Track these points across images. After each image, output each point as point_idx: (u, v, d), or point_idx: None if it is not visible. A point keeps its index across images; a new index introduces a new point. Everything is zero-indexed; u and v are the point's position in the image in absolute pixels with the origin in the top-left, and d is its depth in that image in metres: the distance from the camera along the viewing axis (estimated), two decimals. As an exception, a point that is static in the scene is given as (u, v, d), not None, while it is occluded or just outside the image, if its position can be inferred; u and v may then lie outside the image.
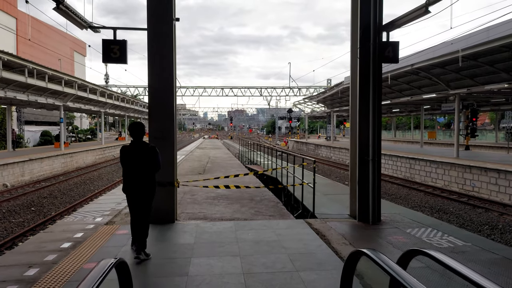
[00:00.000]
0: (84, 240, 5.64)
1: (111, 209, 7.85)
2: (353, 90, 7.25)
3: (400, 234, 6.11)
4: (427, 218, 7.66)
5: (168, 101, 6.61)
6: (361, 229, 6.48)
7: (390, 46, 7.05)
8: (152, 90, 6.59)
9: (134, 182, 4.90)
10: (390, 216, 7.33)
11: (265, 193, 10.31)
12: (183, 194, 9.90)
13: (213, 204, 8.68)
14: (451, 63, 18.81)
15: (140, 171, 4.90)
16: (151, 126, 6.59)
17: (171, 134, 6.63)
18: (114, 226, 6.46)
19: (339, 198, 9.52)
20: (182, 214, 7.55)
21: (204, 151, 29.96)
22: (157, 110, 6.60)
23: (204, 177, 13.25)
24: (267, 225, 6.50)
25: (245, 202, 8.90)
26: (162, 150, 6.40)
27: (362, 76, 6.91)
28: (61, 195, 16.14)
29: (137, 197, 4.94)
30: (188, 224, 6.60)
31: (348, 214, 7.43)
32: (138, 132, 5.01)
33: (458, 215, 12.34)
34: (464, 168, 17.27)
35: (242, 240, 5.60)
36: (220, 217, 7.39)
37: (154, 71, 6.59)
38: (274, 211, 7.97)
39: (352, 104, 7.31)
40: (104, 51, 6.56)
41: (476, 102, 27.12)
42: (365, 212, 6.88)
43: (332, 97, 35.88)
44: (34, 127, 48.14)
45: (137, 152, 4.93)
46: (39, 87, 23.52)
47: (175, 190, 6.68)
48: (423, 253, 1.99)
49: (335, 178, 20.54)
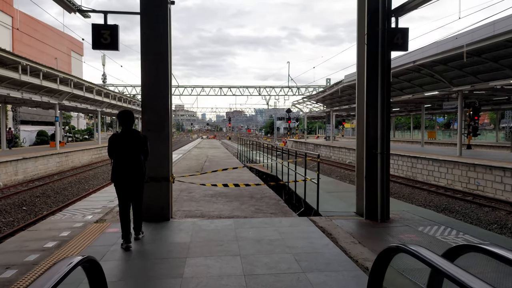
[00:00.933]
0: (70, 239, 5.19)
1: (103, 207, 7.40)
2: (360, 79, 6.83)
3: (412, 233, 5.68)
4: (439, 216, 7.23)
5: (163, 90, 6.17)
6: (369, 227, 6.05)
7: (399, 33, 6.62)
8: (145, 78, 6.15)
9: (127, 170, 4.86)
10: (399, 214, 6.91)
11: (266, 190, 9.88)
12: (179, 192, 9.45)
13: (211, 202, 8.24)
14: (454, 59, 18.41)
15: (133, 159, 4.90)
16: (144, 118, 6.15)
17: (166, 127, 6.18)
18: (104, 224, 6.01)
19: (343, 196, 9.09)
20: (178, 212, 7.11)
21: (202, 151, 29.51)
22: (151, 100, 6.16)
23: (202, 176, 12.81)
24: (268, 223, 6.06)
25: (245, 199, 8.47)
26: (156, 143, 5.98)
27: (369, 64, 6.49)
28: (54, 194, 15.66)
29: (130, 186, 4.92)
30: (184, 222, 6.15)
31: (355, 212, 7.00)
32: (129, 120, 5.01)
33: (465, 214, 11.93)
34: (468, 167, 16.87)
35: (242, 239, 5.16)
36: (218, 214, 6.95)
37: (147, 58, 6.16)
38: (276, 209, 7.54)
39: (358, 94, 6.89)
40: (94, 37, 6.11)
41: (478, 100, 26.78)
42: (373, 209, 6.45)
43: (331, 96, 35.47)
44: (30, 127, 47.59)
45: (129, 139, 4.91)
46: (34, 84, 23.03)
47: (170, 186, 6.24)
48: (477, 249, 1.55)
49: (335, 177, 20.12)
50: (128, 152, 4.89)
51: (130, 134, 4.97)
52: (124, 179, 4.90)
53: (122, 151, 4.88)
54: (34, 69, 21.92)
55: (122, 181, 4.90)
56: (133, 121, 5.14)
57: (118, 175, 4.89)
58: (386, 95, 6.36)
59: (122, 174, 4.88)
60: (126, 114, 5.06)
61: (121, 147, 4.88)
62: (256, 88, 50.68)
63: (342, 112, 45.74)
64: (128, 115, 5.07)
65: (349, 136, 67.33)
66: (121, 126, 5.03)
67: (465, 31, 16.05)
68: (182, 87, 48.98)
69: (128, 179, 4.91)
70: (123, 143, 4.90)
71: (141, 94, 6.21)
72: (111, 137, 5.04)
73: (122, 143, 4.90)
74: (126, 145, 4.89)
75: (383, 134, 6.38)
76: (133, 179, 4.94)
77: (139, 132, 5.16)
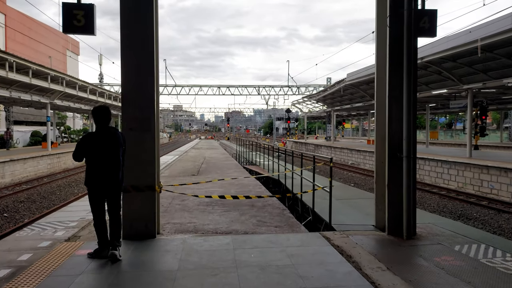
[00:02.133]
0: (29, 264, 4.17)
1: (80, 219, 6.37)
2: (380, 70, 5.82)
3: (448, 254, 4.67)
4: (472, 230, 6.24)
5: (148, 79, 5.15)
6: (395, 246, 5.04)
7: (426, 16, 5.65)
8: (126, 63, 5.13)
9: (108, 174, 4.39)
10: (425, 228, 5.90)
11: (268, 197, 8.87)
12: (171, 199, 8.44)
13: (206, 211, 7.22)
14: (464, 55, 17.44)
15: (115, 161, 4.44)
16: (125, 114, 5.13)
17: (151, 125, 5.16)
18: (77, 243, 4.98)
19: (355, 204, 8.09)
20: (168, 225, 6.09)
21: (199, 151, 28.48)
22: (133, 92, 5.14)
23: (198, 179, 11.78)
24: (274, 241, 5.04)
25: (244, 209, 7.46)
26: (140, 145, 4.98)
27: (392, 51, 5.49)
28: (40, 199, 14.62)
29: (109, 191, 4.47)
30: (173, 240, 5.13)
31: (373, 225, 6.00)
32: (106, 116, 4.53)
33: (484, 221, 10.94)
34: (481, 169, 15.91)
35: (242, 265, 4.15)
36: (214, 229, 5.94)
37: (128, 37, 5.13)
38: (281, 221, 6.53)
39: (378, 87, 5.88)
40: (65, 19, 5.11)
41: (486, 99, 25.86)
42: (397, 223, 5.44)
43: (333, 95, 34.48)
44: (24, 127, 46.53)
45: (109, 138, 4.43)
46: (23, 83, 21.97)
47: (156, 197, 5.21)
48: None
49: (339, 180, 19.12)
50: (109, 152, 4.41)
51: (109, 132, 4.50)
52: (104, 186, 4.41)
53: (101, 151, 4.38)
54: (23, 66, 20.87)
55: (101, 188, 4.41)
56: (110, 119, 4.57)
57: (98, 180, 4.37)
58: (413, 87, 5.36)
59: (102, 181, 4.38)
60: (103, 110, 4.55)
61: (101, 147, 4.38)
62: (255, 87, 49.65)
63: (343, 112, 44.76)
64: (105, 111, 4.58)
65: (349, 137, 66.35)
66: (97, 123, 4.52)
67: (479, 24, 15.03)
68: (180, 86, 47.92)
69: (109, 184, 4.43)
70: (102, 143, 4.40)
71: (121, 84, 5.18)
72: (86, 137, 4.48)
73: (101, 142, 4.40)
74: (106, 145, 4.40)
75: (409, 133, 5.37)
76: (114, 184, 4.48)
77: (117, 130, 4.67)
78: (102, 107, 4.60)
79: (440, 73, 20.64)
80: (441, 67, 19.52)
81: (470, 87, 18.42)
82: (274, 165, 14.00)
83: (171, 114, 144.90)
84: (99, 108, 4.57)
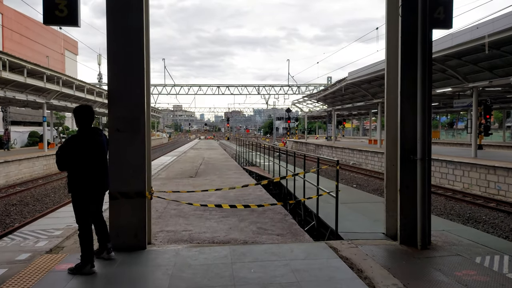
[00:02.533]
0: (1, 283, 3.71)
1: (66, 227, 5.90)
2: (391, 64, 5.35)
3: (470, 267, 4.21)
4: (491, 238, 5.79)
5: (137, 76, 4.68)
6: (409, 257, 4.57)
7: (441, 6, 5.19)
8: (113, 58, 4.66)
9: (99, 179, 4.16)
10: (440, 236, 5.44)
11: (269, 201, 8.42)
12: (166, 203, 7.97)
13: (203, 217, 6.76)
14: (470, 53, 17.02)
15: (104, 164, 4.28)
16: (112, 114, 4.66)
17: (141, 126, 4.69)
18: (59, 255, 4.52)
19: (362, 208, 7.63)
20: (161, 234, 5.63)
21: (198, 152, 28.01)
22: (120, 90, 4.67)
23: (195, 182, 11.32)
24: (276, 253, 4.57)
25: (244, 214, 6.99)
26: (129, 148, 4.53)
27: (405, 44, 5.03)
28: (33, 201, 14.17)
29: (99, 198, 4.29)
30: (165, 252, 4.66)
31: (383, 233, 5.53)
32: (91, 117, 4.21)
33: (494, 224, 10.48)
34: (488, 169, 15.44)
35: (241, 282, 3.68)
36: (211, 237, 5.47)
37: (115, 29, 4.67)
38: (283, 228, 6.07)
39: (388, 84, 5.41)
40: (46, 9, 4.64)
41: (490, 98, 25.40)
42: (411, 232, 4.98)
43: (333, 94, 34.05)
44: (22, 128, 46.08)
45: (96, 141, 4.17)
46: (19, 82, 21.50)
47: (147, 204, 4.75)
48: None
49: (341, 181, 18.63)
50: (99, 156, 4.17)
51: (96, 134, 4.23)
52: (97, 190, 4.19)
53: (92, 156, 4.08)
54: (17, 65, 20.41)
55: (93, 193, 4.14)
56: (94, 119, 4.25)
57: (89, 186, 4.05)
58: (428, 83, 4.90)
59: (94, 185, 4.11)
60: (88, 110, 4.23)
61: (90, 151, 4.08)
62: (255, 87, 49.16)
63: (343, 111, 44.28)
64: (90, 110, 4.25)
65: (349, 136, 65.85)
66: (81, 124, 4.16)
67: (486, 20, 14.56)
68: (179, 86, 47.41)
69: (101, 190, 4.26)
70: (91, 146, 4.11)
71: (107, 81, 4.71)
72: (72, 142, 4.08)
73: (91, 146, 4.10)
74: (96, 148, 4.14)
75: (424, 133, 4.91)
76: (105, 190, 4.34)
77: (102, 130, 4.39)
78: (87, 106, 4.28)
79: (444, 71, 20.19)
80: (445, 65, 19.08)
81: (475, 85, 17.95)
82: (275, 166, 13.54)
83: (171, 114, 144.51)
84: (84, 108, 4.22)
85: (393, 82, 5.25)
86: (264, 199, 8.62)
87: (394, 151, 5.25)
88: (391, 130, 5.34)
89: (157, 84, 46.86)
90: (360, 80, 26.12)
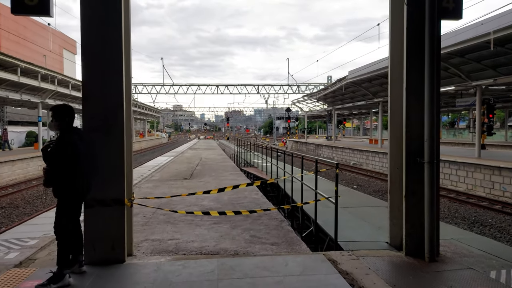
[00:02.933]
0: (-46, 304, 3.26)
1: (43, 235, 5.45)
2: (395, 59, 4.88)
3: (484, 283, 3.76)
4: (503, 247, 5.32)
5: (114, 68, 4.21)
6: (416, 272, 4.11)
7: (450, -6, 4.73)
8: (88, 48, 4.19)
9: (87, 181, 3.91)
10: (448, 245, 4.98)
11: (265, 205, 7.97)
12: (156, 208, 7.52)
13: (193, 223, 6.30)
14: (473, 50, 16.51)
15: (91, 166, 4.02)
16: (85, 111, 4.20)
17: (118, 124, 4.23)
18: (28, 270, 4.06)
19: (363, 213, 7.17)
20: (145, 243, 5.18)
21: (196, 152, 27.55)
22: (95, 84, 4.21)
23: (190, 184, 10.86)
24: (269, 267, 4.11)
25: (237, 220, 6.54)
26: (105, 149, 4.08)
27: (411, 36, 4.57)
28: (24, 204, 13.73)
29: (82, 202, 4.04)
30: (145, 266, 4.21)
31: (387, 242, 5.08)
32: (73, 116, 3.96)
33: (501, 228, 10.02)
34: (492, 170, 14.99)
35: (227, 303, 3.23)
36: (199, 247, 5.02)
37: (90, 6, 4.20)
38: (278, 236, 5.61)
39: (392, 80, 4.95)
40: (14, -4, 4.20)
41: (492, 97, 24.93)
42: (417, 242, 4.53)
43: (334, 93, 33.53)
44: (19, 128, 45.69)
45: (82, 142, 3.86)
46: (12, 81, 21.08)
47: (126, 212, 4.29)
48: None
49: (341, 181, 18.19)
50: (85, 157, 3.89)
51: (81, 133, 3.99)
52: (86, 194, 3.97)
53: (82, 157, 3.81)
54: (10, 64, 19.96)
55: (83, 197, 3.93)
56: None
57: (79, 189, 3.81)
58: (436, 79, 4.44)
59: (84, 187, 3.87)
60: (71, 109, 3.98)
61: (84, 154, 3.83)
62: (254, 86, 48.65)
63: (344, 111, 43.82)
64: (72, 109, 4.01)
65: (350, 136, 65.36)
66: (66, 124, 3.88)
67: (491, 16, 14.06)
68: (177, 85, 46.92)
69: (88, 193, 4.00)
70: (82, 147, 3.83)
71: (81, 75, 4.22)
72: (74, 141, 3.75)
73: (82, 147, 3.83)
74: (83, 149, 3.86)
75: (432, 133, 4.45)
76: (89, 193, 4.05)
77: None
78: (68, 105, 3.99)
79: (446, 70, 19.68)
80: (448, 63, 18.58)
81: (479, 83, 17.49)
82: (272, 167, 13.09)
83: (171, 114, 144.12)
84: (67, 107, 3.96)
85: (397, 79, 4.79)
86: (260, 202, 8.18)
87: (399, 153, 4.79)
88: (395, 130, 4.88)
89: (156, 84, 46.41)
90: (361, 79, 25.62)
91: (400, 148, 4.76)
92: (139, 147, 50.91)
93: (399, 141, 4.78)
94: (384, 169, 22.88)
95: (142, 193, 9.42)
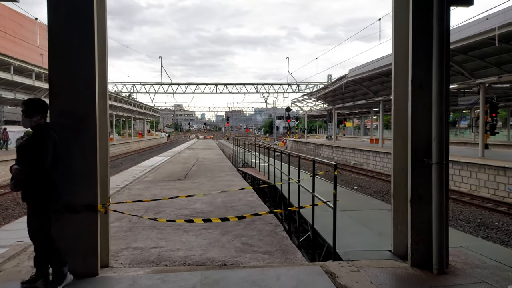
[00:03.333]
0: None
1: (16, 243, 4.98)
2: (399, 53, 4.43)
3: (502, 301, 3.30)
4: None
5: (85, 57, 3.76)
6: (424, 286, 3.66)
7: (459, -23, 4.28)
8: (53, 32, 3.74)
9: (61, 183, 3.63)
10: (457, 255, 4.53)
11: (260, 208, 7.53)
12: (144, 211, 7.09)
13: (181, 229, 5.85)
14: (476, 47, 16.07)
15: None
16: (53, 106, 3.76)
17: (90, 121, 3.78)
18: (-13, 284, 3.62)
19: (364, 217, 6.72)
20: (125, 252, 4.73)
21: (194, 152, 27.12)
22: (63, 75, 3.76)
23: (183, 185, 10.42)
24: (258, 281, 3.66)
25: (229, 225, 6.08)
26: (74, 149, 3.63)
27: (417, 25, 4.13)
28: (13, 205, 13.30)
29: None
30: (120, 280, 3.76)
31: (390, 251, 4.62)
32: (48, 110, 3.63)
33: (509, 231, 9.58)
34: (497, 170, 14.54)
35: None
36: (183, 257, 4.57)
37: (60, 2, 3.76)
38: (272, 243, 5.17)
39: (396, 73, 4.49)
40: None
41: (495, 96, 24.46)
42: (424, 252, 4.08)
43: (334, 92, 33.10)
44: (16, 127, 45.25)
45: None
46: (5, 80, 20.69)
47: (99, 219, 3.84)
48: None
49: (341, 182, 17.75)
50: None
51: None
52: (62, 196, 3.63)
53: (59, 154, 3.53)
54: (3, 62, 19.59)
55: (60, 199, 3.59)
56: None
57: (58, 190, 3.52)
58: (445, 73, 3.99)
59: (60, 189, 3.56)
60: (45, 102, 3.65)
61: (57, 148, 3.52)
62: (253, 85, 48.20)
63: (344, 110, 43.36)
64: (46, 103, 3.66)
65: (350, 135, 64.85)
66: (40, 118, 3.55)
67: (496, 11, 13.58)
68: (176, 85, 46.51)
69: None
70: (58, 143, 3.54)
71: (48, 65, 3.77)
72: (51, 133, 3.48)
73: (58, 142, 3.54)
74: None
75: (441, 132, 4.00)
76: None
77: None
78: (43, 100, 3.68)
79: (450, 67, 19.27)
80: (451, 60, 18.14)
81: (483, 81, 17.04)
82: (270, 167, 12.64)
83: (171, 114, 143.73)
84: (42, 101, 3.64)
85: (402, 74, 4.33)
86: (255, 205, 7.73)
87: (403, 153, 4.34)
88: (400, 129, 4.43)
89: (154, 83, 45.99)
90: (361, 78, 25.18)
91: (404, 148, 4.31)
92: (138, 147, 50.52)
93: (404, 141, 4.33)
94: (385, 169, 22.43)
95: (132, 195, 8.98)
